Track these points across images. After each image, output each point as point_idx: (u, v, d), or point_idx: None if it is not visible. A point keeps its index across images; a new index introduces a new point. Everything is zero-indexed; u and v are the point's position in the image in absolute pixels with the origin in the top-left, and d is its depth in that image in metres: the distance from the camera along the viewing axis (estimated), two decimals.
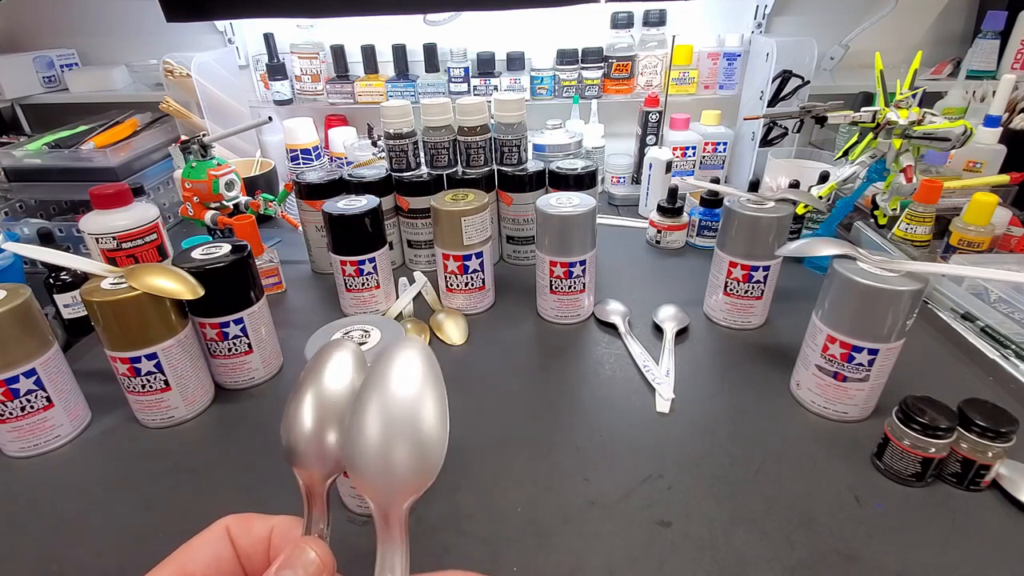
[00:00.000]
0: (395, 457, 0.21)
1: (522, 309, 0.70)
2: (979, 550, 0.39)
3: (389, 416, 0.21)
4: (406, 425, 0.21)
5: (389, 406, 0.21)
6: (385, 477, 0.21)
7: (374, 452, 0.21)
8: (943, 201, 0.73)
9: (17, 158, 0.90)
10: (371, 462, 0.21)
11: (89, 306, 0.47)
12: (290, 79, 1.09)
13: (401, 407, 0.21)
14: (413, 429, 0.21)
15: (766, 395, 0.54)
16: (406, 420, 0.21)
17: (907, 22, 1.07)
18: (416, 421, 0.21)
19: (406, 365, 0.22)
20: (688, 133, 1.01)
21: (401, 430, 0.21)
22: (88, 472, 0.48)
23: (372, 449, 0.21)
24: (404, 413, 0.21)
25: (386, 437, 0.21)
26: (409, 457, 0.21)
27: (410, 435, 0.21)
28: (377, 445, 0.21)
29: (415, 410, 0.21)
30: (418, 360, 0.22)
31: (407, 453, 0.21)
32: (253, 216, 0.72)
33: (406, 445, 0.21)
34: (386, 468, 0.21)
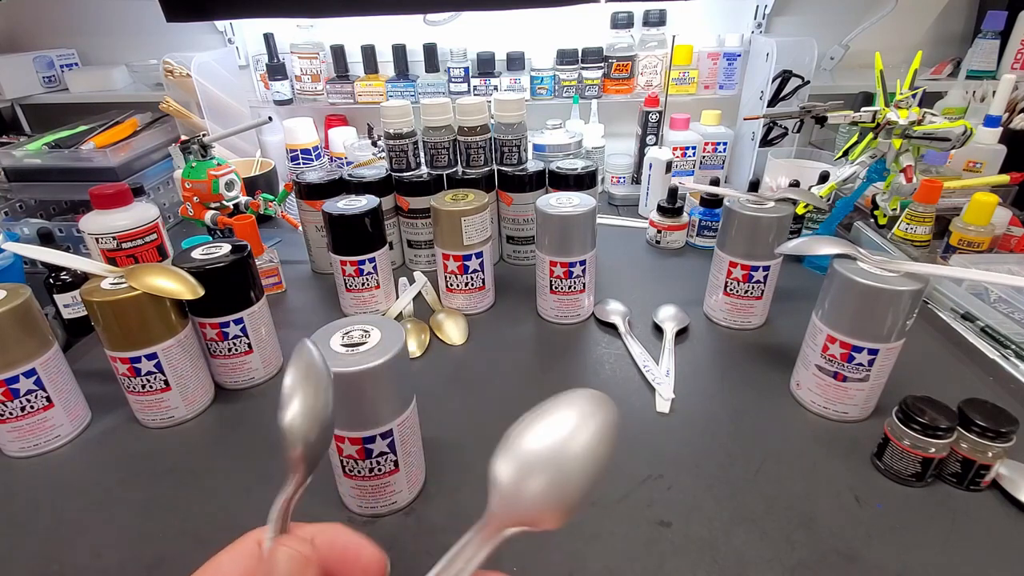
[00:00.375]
0: (535, 493, 0.21)
1: (522, 309, 0.70)
2: (979, 550, 0.39)
3: (557, 456, 0.21)
4: (563, 471, 0.21)
5: (565, 448, 0.21)
6: (520, 501, 0.21)
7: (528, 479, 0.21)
8: (943, 201, 0.73)
9: (17, 158, 0.90)
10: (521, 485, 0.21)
11: (89, 306, 0.47)
12: (290, 79, 1.09)
13: (572, 457, 0.21)
14: (566, 479, 0.21)
15: (766, 395, 0.54)
16: (568, 469, 0.21)
17: (907, 22, 1.07)
18: (572, 475, 0.21)
19: (600, 426, 0.22)
20: (688, 133, 1.01)
21: (557, 473, 0.21)
22: (88, 472, 0.48)
23: (527, 477, 0.21)
24: (571, 463, 0.21)
25: (544, 471, 0.21)
26: (547, 499, 0.21)
27: (560, 482, 0.21)
28: (533, 477, 0.21)
29: (580, 466, 0.21)
30: (610, 430, 0.22)
31: (549, 495, 0.21)
32: (253, 216, 0.72)
33: (553, 488, 0.21)
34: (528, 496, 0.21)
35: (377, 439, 0.39)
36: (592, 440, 0.21)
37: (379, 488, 0.41)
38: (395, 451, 0.40)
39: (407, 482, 0.42)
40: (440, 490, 0.45)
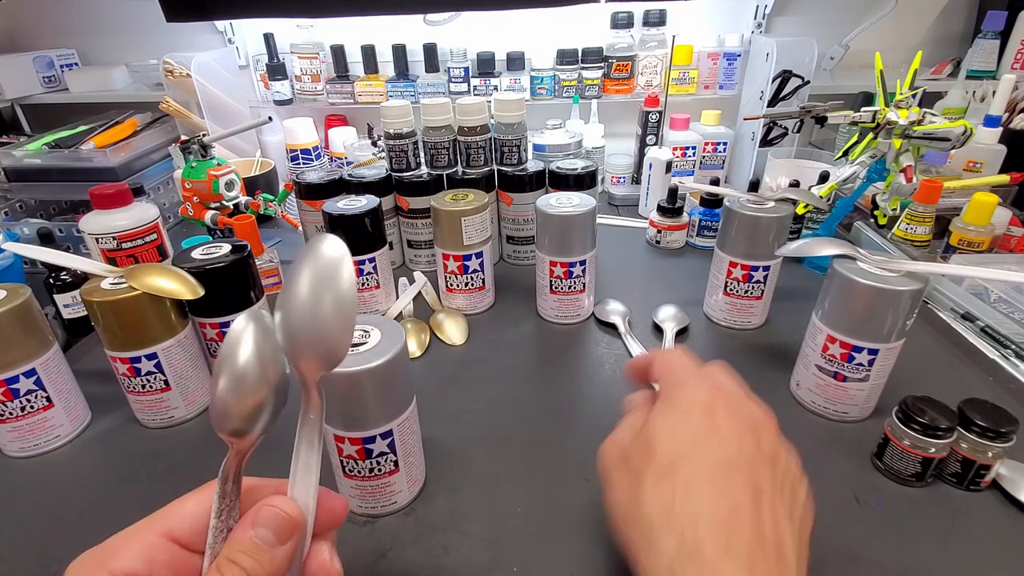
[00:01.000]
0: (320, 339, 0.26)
1: (522, 309, 0.70)
2: (979, 550, 0.39)
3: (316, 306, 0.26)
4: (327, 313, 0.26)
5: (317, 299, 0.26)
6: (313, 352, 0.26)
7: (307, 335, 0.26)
8: (943, 201, 0.73)
9: (17, 158, 0.90)
10: (304, 342, 0.26)
11: (89, 306, 0.47)
12: (290, 79, 1.09)
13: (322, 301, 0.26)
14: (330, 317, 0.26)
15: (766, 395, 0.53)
16: None
17: (907, 22, 1.07)
18: None
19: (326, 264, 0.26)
20: (688, 133, 1.01)
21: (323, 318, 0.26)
22: (88, 472, 0.48)
23: (306, 333, 0.26)
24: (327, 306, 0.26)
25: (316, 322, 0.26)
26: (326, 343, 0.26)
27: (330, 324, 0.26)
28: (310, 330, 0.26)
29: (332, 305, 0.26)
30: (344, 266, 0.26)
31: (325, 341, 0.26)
32: (253, 216, 0.72)
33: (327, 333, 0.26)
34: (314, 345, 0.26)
35: (377, 439, 0.39)
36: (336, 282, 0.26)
37: (379, 488, 0.41)
38: (395, 451, 0.40)
39: (407, 482, 0.42)
40: (440, 490, 0.45)
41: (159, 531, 0.23)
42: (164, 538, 0.23)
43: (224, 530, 0.24)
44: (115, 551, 0.23)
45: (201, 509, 0.24)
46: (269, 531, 0.23)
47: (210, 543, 0.24)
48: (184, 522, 0.24)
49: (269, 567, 0.23)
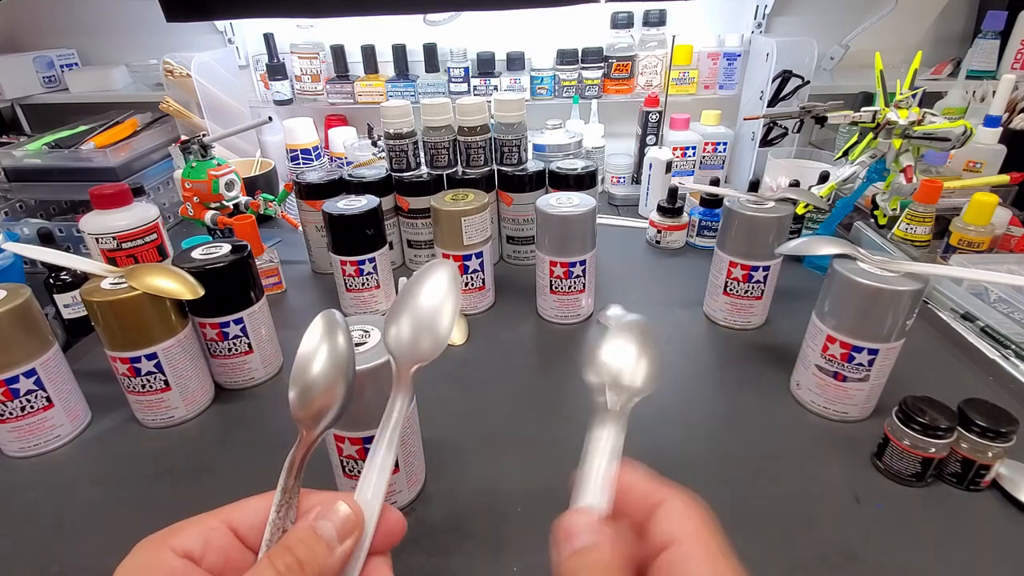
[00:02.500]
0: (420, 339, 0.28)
1: (522, 309, 0.70)
2: (979, 550, 0.39)
3: (418, 314, 0.29)
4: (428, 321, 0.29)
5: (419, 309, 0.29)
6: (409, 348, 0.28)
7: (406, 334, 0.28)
8: (943, 201, 0.72)
9: (17, 158, 0.90)
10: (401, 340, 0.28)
11: (89, 306, 0.47)
12: (290, 79, 1.09)
13: (426, 310, 0.29)
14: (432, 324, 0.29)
15: (766, 395, 0.54)
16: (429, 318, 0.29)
17: (907, 22, 1.07)
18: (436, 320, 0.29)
19: (435, 280, 0.30)
20: (688, 133, 1.01)
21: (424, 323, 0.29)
22: (88, 472, 0.48)
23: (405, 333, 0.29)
24: (427, 314, 0.29)
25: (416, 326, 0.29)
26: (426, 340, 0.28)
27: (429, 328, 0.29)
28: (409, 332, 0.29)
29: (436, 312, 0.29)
30: (445, 277, 0.30)
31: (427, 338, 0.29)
32: (253, 216, 0.72)
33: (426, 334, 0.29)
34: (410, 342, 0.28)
35: None
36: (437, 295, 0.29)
37: None
38: None
39: (407, 482, 0.42)
40: (440, 490, 0.45)
41: (221, 519, 0.24)
42: (224, 526, 0.24)
43: (281, 528, 0.24)
44: (177, 532, 0.23)
45: (264, 504, 0.24)
46: (331, 524, 0.22)
47: (266, 539, 0.24)
48: (247, 515, 0.24)
49: (324, 561, 0.21)
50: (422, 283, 0.30)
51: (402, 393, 0.27)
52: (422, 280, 0.30)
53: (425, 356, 0.28)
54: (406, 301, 0.29)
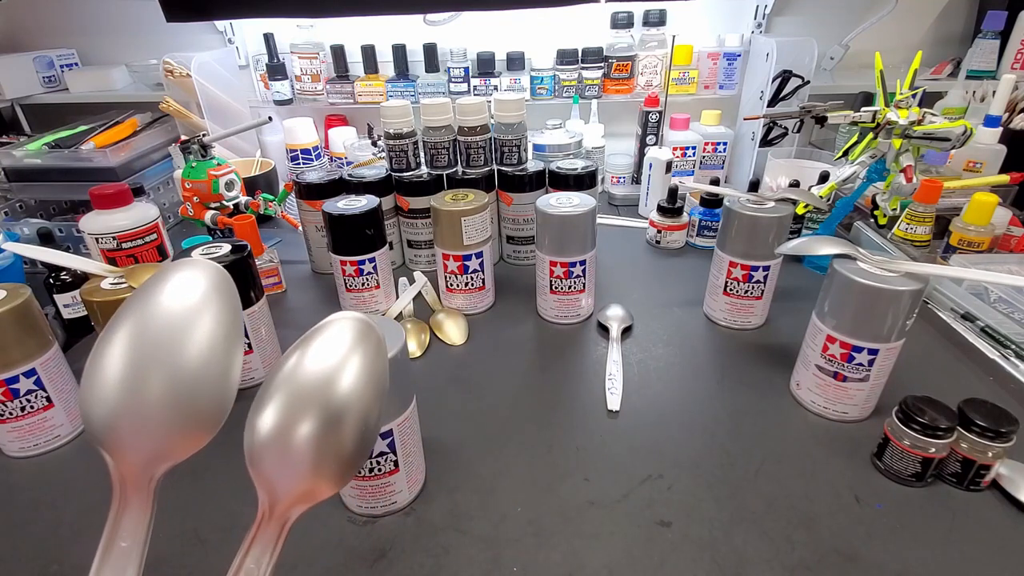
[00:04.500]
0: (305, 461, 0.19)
1: (522, 309, 0.70)
2: (979, 550, 0.39)
3: (142, 354, 0.18)
4: (163, 366, 0.18)
5: (143, 342, 0.17)
6: (284, 473, 0.19)
7: (119, 396, 0.17)
8: (943, 201, 0.72)
9: (17, 158, 0.90)
10: (111, 410, 0.17)
11: (89, 306, 0.47)
12: (290, 79, 1.09)
13: (158, 343, 0.17)
14: (174, 372, 0.17)
15: (766, 395, 0.54)
16: (164, 359, 0.18)
17: (907, 22, 1.07)
18: (178, 361, 0.17)
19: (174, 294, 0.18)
20: (688, 133, 1.01)
21: (157, 370, 0.18)
22: (88, 472, 0.48)
23: (115, 391, 0.17)
24: (161, 351, 0.17)
25: (135, 379, 0.17)
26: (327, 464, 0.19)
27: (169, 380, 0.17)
28: (122, 388, 0.17)
29: (178, 348, 0.17)
30: (198, 284, 0.19)
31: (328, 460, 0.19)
32: (253, 216, 0.72)
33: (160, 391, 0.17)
34: (294, 469, 0.19)
35: (377, 439, 0.39)
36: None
37: (379, 488, 0.41)
38: (395, 451, 0.40)
39: (407, 482, 0.42)
40: (440, 490, 0.45)
41: None
42: None
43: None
44: None
45: None
46: None
47: None
48: None
49: None
50: (147, 308, 0.18)
51: (133, 505, 0.17)
52: (147, 302, 0.18)
53: (164, 443, 0.16)
54: (121, 328, 0.17)
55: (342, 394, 0.18)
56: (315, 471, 0.18)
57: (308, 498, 0.18)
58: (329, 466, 0.18)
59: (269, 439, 0.18)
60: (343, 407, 0.18)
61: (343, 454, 0.18)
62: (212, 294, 0.19)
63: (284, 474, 0.18)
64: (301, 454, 0.18)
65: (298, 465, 0.18)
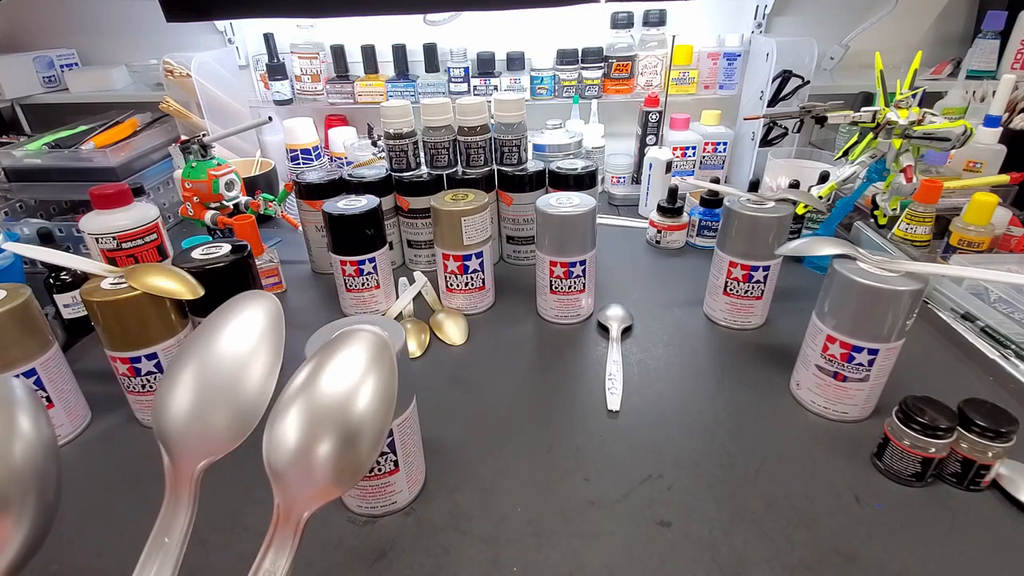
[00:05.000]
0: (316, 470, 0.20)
1: (522, 309, 0.70)
2: (979, 550, 0.39)
3: (208, 377, 0.20)
4: (224, 389, 0.20)
5: (209, 368, 0.20)
6: (192, 434, 0.20)
7: (187, 409, 0.20)
8: (943, 201, 0.72)
9: (17, 158, 0.90)
10: (181, 419, 0.20)
11: (89, 306, 0.47)
12: (290, 79, 1.09)
13: (222, 369, 0.20)
14: (231, 394, 0.20)
15: (766, 395, 0.54)
16: (225, 383, 0.20)
17: (907, 22, 1.07)
18: (235, 386, 0.20)
19: (238, 329, 0.21)
20: (688, 133, 1.01)
21: (219, 393, 0.20)
22: (88, 472, 0.48)
23: (186, 406, 0.20)
24: (224, 377, 0.20)
25: (202, 398, 0.20)
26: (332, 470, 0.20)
27: (227, 400, 0.20)
28: (191, 404, 0.20)
29: (236, 376, 0.20)
30: (258, 321, 0.21)
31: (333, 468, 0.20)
32: (253, 216, 0.72)
33: (222, 409, 0.20)
34: (197, 427, 0.20)
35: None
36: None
37: (379, 488, 0.41)
38: (395, 451, 0.40)
39: (407, 482, 0.42)
40: (440, 490, 0.45)
41: None
42: None
43: None
44: None
45: None
46: None
47: None
48: None
49: None
50: (220, 330, 0.20)
51: (182, 501, 0.20)
52: (221, 325, 0.20)
53: (218, 445, 0.19)
54: (192, 356, 0.20)
55: (359, 414, 0.20)
56: (333, 482, 0.20)
57: (320, 500, 0.20)
58: (345, 477, 0.20)
59: (292, 456, 0.20)
60: (360, 426, 0.20)
61: (358, 466, 0.20)
62: (270, 331, 0.21)
63: (304, 484, 0.20)
64: (321, 469, 0.20)
65: (318, 479, 0.20)
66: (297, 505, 0.20)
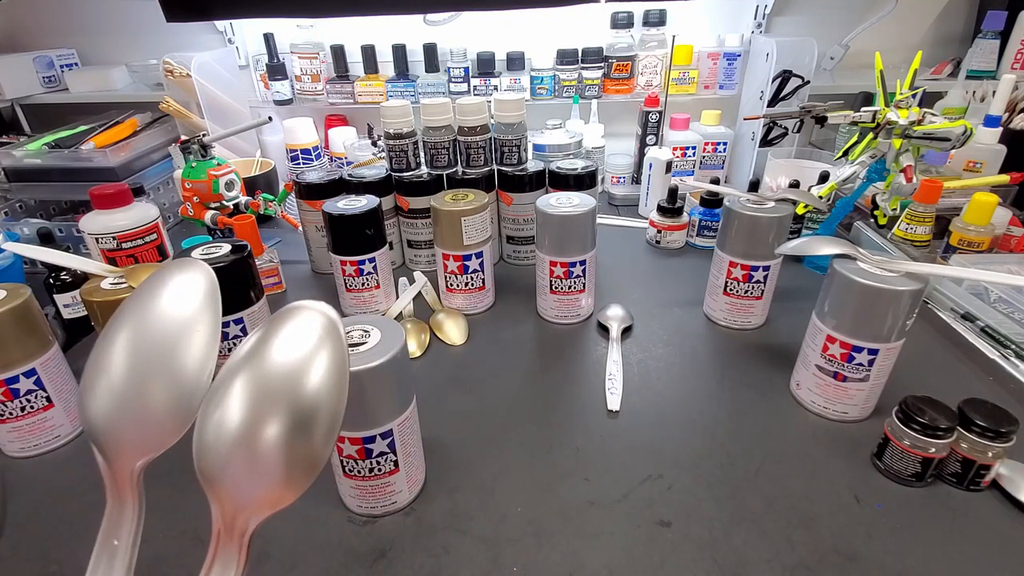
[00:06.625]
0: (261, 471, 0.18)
1: (522, 309, 0.70)
2: (979, 550, 0.39)
3: (140, 360, 0.17)
4: (161, 373, 0.17)
5: (142, 349, 0.17)
6: (126, 430, 0.18)
7: (118, 401, 0.17)
8: (943, 201, 0.72)
9: (17, 158, 0.90)
10: (110, 413, 0.17)
11: (89, 306, 0.47)
12: (290, 79, 1.09)
13: (155, 350, 0.17)
14: (170, 379, 0.17)
15: (766, 395, 0.54)
16: (161, 366, 0.17)
17: (907, 22, 1.07)
18: (173, 367, 0.17)
19: (172, 298, 0.18)
20: (688, 133, 1.01)
21: (155, 378, 0.17)
22: (88, 472, 0.48)
23: (116, 397, 0.17)
24: (159, 358, 0.17)
25: (135, 386, 0.17)
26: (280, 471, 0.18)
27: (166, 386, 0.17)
28: (122, 394, 0.17)
29: (173, 355, 0.17)
30: (198, 287, 0.18)
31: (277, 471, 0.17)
32: (253, 216, 0.72)
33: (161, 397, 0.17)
34: (131, 421, 0.17)
35: (377, 439, 0.39)
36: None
37: (379, 488, 0.41)
38: (395, 451, 0.40)
39: (407, 482, 0.42)
40: (440, 490, 0.45)
41: None
42: None
43: None
44: None
45: None
46: None
47: None
48: None
49: None
50: (154, 297, 0.17)
51: (126, 504, 0.17)
52: (155, 292, 0.17)
53: (157, 436, 0.16)
54: (120, 333, 0.17)
55: (312, 391, 0.17)
56: (284, 478, 0.16)
57: (270, 506, 0.17)
58: (298, 472, 0.16)
59: (233, 441, 0.16)
60: (315, 406, 0.17)
61: (313, 459, 0.16)
62: (209, 298, 0.18)
63: (248, 481, 0.16)
64: (270, 459, 0.16)
65: (265, 472, 0.16)
66: (241, 511, 0.16)
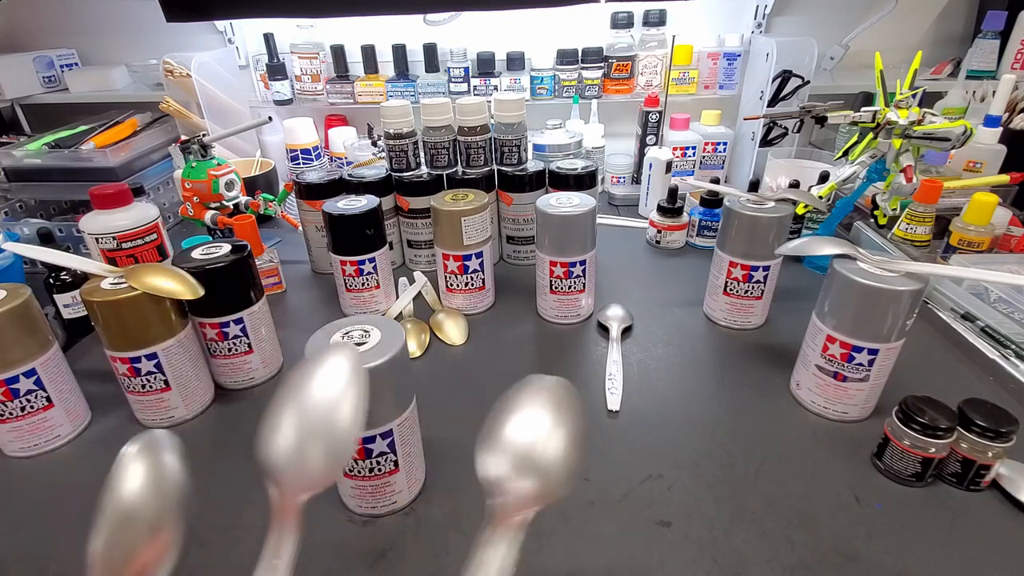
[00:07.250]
0: (309, 457, 0.24)
1: (522, 309, 0.70)
2: (979, 550, 0.39)
3: (307, 420, 0.25)
4: (321, 431, 0.25)
5: (307, 412, 0.25)
6: (296, 471, 0.24)
7: (290, 449, 0.24)
8: (943, 201, 0.72)
9: (17, 158, 0.90)
10: (285, 458, 0.24)
11: (89, 306, 0.47)
12: (290, 79, 1.09)
13: (317, 413, 0.25)
14: (327, 436, 0.25)
15: (766, 395, 0.54)
16: (321, 426, 0.25)
17: (907, 22, 1.07)
18: (331, 428, 0.25)
19: (328, 375, 0.26)
20: (688, 133, 1.01)
21: (317, 434, 0.25)
22: (88, 472, 0.48)
23: (288, 446, 0.24)
24: (320, 420, 0.25)
25: (302, 439, 0.24)
26: (321, 459, 0.25)
27: (324, 441, 0.25)
28: (294, 444, 0.24)
29: (331, 418, 0.25)
30: (344, 368, 0.26)
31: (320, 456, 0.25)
32: (253, 216, 0.72)
33: (320, 449, 0.25)
34: (299, 465, 0.24)
35: (377, 439, 0.39)
36: (331, 395, 0.25)
37: (379, 488, 0.41)
38: (395, 451, 0.40)
39: (407, 482, 0.42)
40: (440, 490, 0.45)
41: None
42: None
43: None
44: None
45: None
46: None
47: None
48: None
49: None
50: (311, 376, 0.25)
51: (287, 531, 0.23)
52: (311, 372, 0.25)
53: (315, 480, 0.23)
54: (290, 401, 0.24)
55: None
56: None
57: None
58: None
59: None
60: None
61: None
62: (354, 376, 0.26)
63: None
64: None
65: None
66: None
